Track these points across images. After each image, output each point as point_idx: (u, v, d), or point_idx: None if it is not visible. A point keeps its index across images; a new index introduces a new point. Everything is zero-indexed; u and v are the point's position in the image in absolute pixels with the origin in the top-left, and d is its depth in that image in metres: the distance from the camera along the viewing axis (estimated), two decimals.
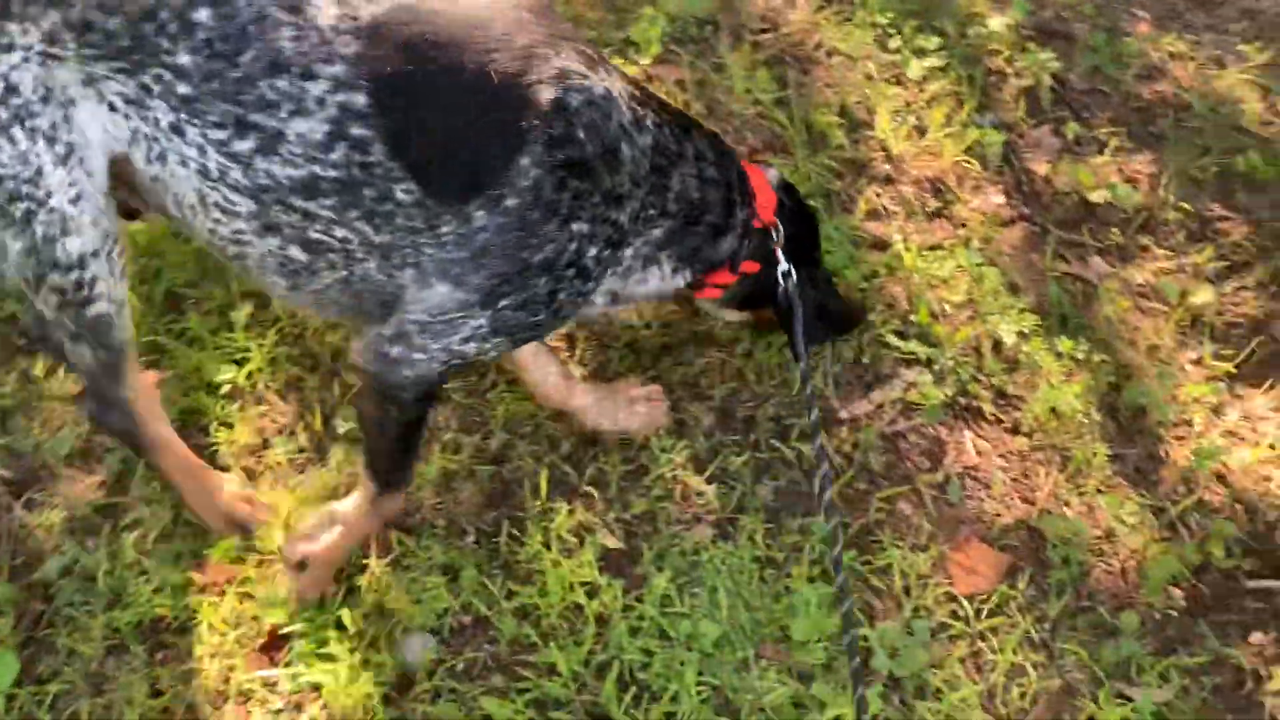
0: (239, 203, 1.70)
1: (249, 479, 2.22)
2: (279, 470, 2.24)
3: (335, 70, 1.61)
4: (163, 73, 1.59)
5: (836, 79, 3.00)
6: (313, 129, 1.62)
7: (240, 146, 1.64)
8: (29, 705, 1.97)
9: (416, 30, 1.65)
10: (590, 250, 1.80)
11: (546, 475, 2.23)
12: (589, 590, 2.10)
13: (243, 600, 2.07)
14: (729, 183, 2.04)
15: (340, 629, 2.02)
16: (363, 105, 1.62)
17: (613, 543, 2.17)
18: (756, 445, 2.34)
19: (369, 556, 2.11)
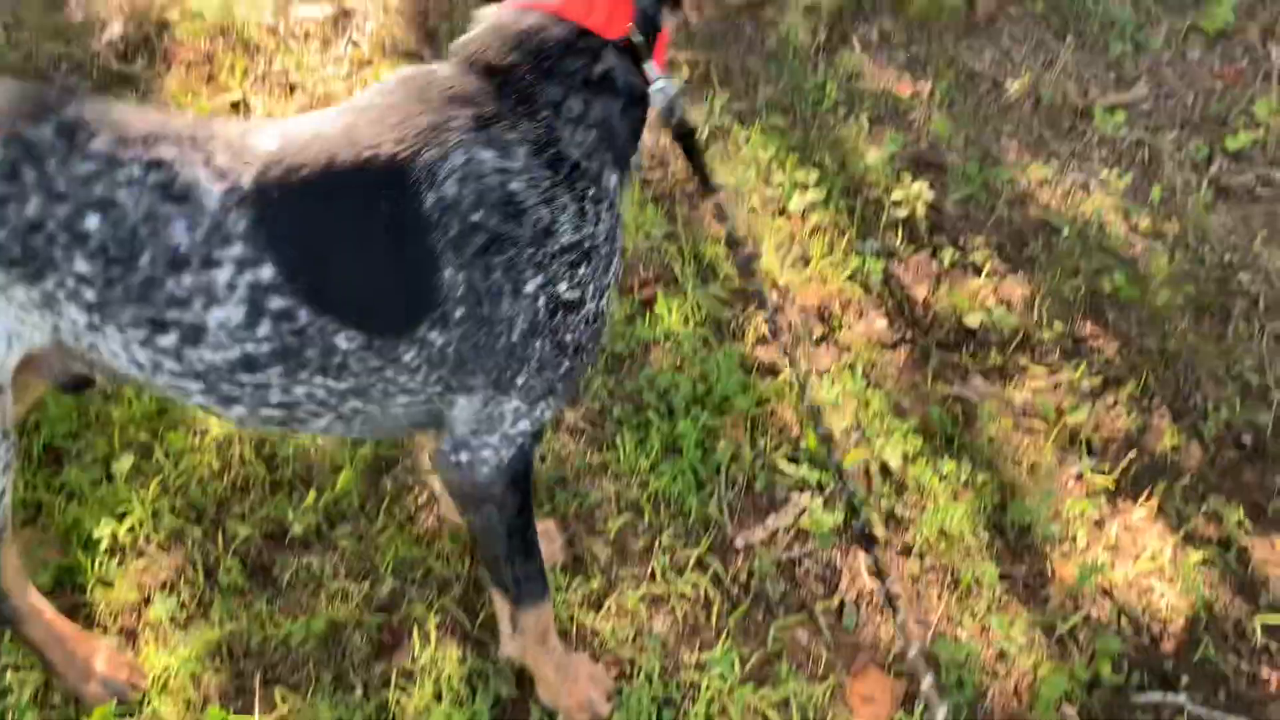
0: (186, 385, 1.67)
1: (128, 639, 2.15)
2: (159, 629, 2.17)
3: (235, 251, 1.57)
4: (65, 280, 1.57)
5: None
6: (230, 315, 1.59)
7: (164, 342, 1.61)
8: None
9: (295, 176, 1.59)
10: (561, 287, 1.68)
11: (436, 621, 2.19)
12: None
13: None
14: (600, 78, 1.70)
15: None
16: (271, 277, 1.58)
17: (507, 690, 2.13)
18: (653, 577, 2.34)
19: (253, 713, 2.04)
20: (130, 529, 2.28)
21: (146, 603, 2.21)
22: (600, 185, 1.68)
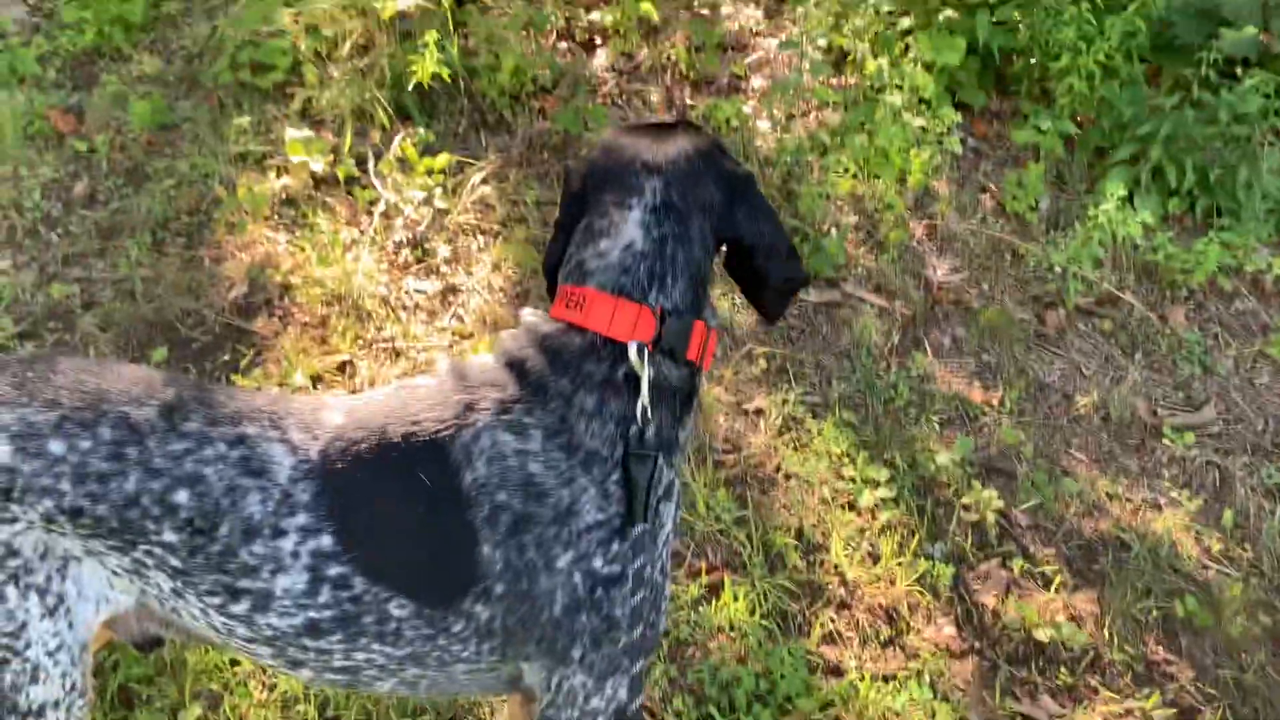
0: (256, 649, 1.77)
1: None
2: None
3: (299, 520, 1.68)
4: (154, 549, 1.68)
5: (793, 502, 3.17)
6: (295, 581, 1.69)
7: (237, 609, 1.71)
8: None
9: (353, 449, 1.71)
10: (596, 562, 1.72)
11: None
12: None
13: None
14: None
15: None
16: (330, 545, 1.69)
17: None
18: None
19: None
20: None
21: None
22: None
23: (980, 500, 3.19)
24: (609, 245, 1.76)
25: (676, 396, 1.79)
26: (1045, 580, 3.06)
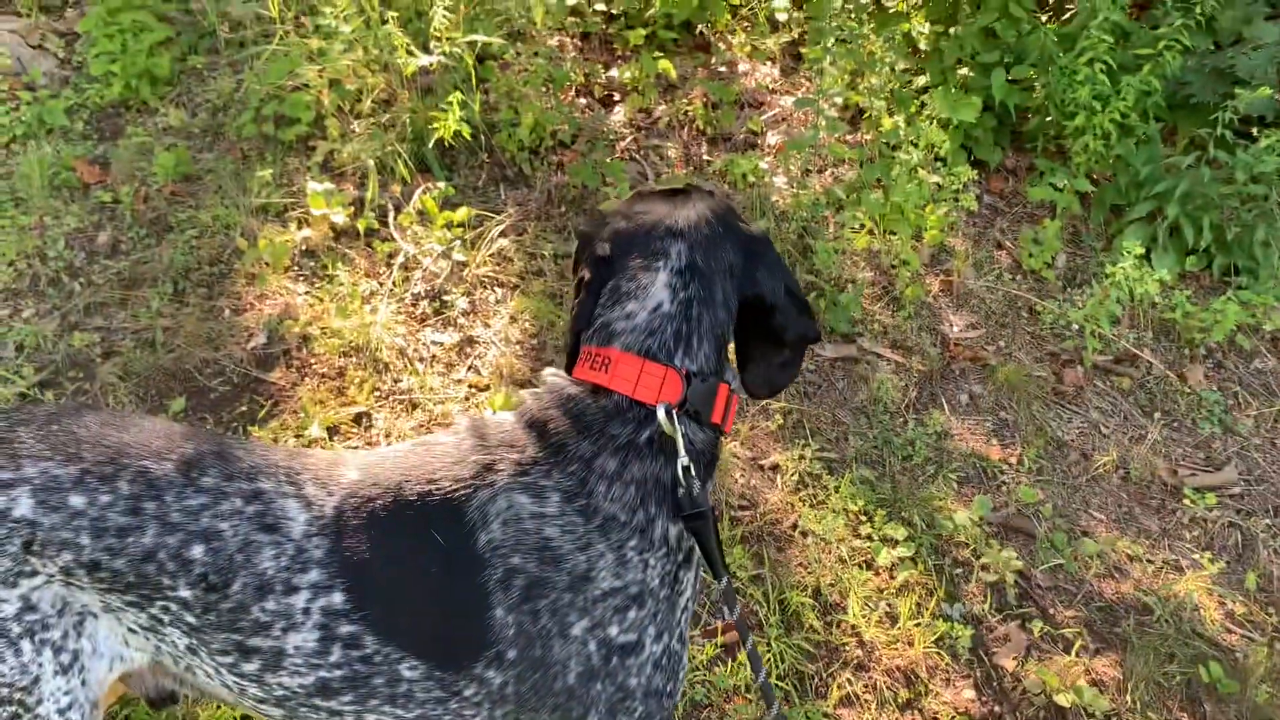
0: (267, 709, 1.75)
1: None
2: None
3: (311, 576, 1.67)
4: (170, 604, 1.68)
5: (810, 559, 3.14)
6: (306, 639, 1.68)
7: (248, 668, 1.70)
8: None
9: (367, 505, 1.71)
10: (612, 630, 1.71)
11: None
12: None
13: None
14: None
15: None
16: (341, 602, 1.68)
17: None
18: None
19: None
20: None
21: None
22: (647, 537, 1.72)
23: (999, 560, 3.16)
24: (636, 307, 1.76)
25: (700, 460, 1.78)
26: (1066, 643, 3.01)
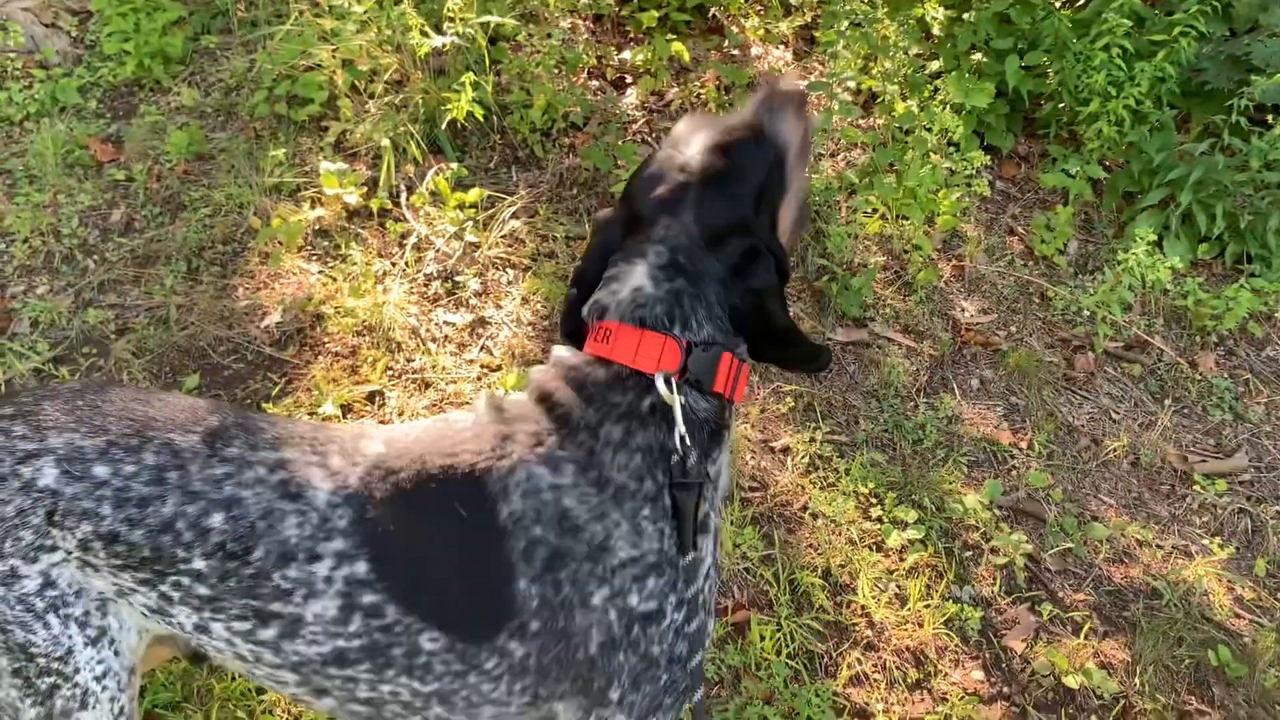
0: (282, 676, 1.75)
1: None
2: None
3: (335, 545, 1.68)
4: (181, 579, 1.68)
5: (820, 541, 3.15)
6: (326, 607, 1.69)
7: (265, 635, 1.71)
8: None
9: (391, 477, 1.71)
10: (632, 599, 1.72)
11: None
12: None
13: None
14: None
15: None
16: (365, 572, 1.68)
17: None
18: None
19: None
20: None
21: None
22: (659, 505, 1.73)
23: (1009, 544, 3.17)
24: (636, 282, 1.77)
25: (704, 429, 1.78)
26: (1075, 626, 3.02)
